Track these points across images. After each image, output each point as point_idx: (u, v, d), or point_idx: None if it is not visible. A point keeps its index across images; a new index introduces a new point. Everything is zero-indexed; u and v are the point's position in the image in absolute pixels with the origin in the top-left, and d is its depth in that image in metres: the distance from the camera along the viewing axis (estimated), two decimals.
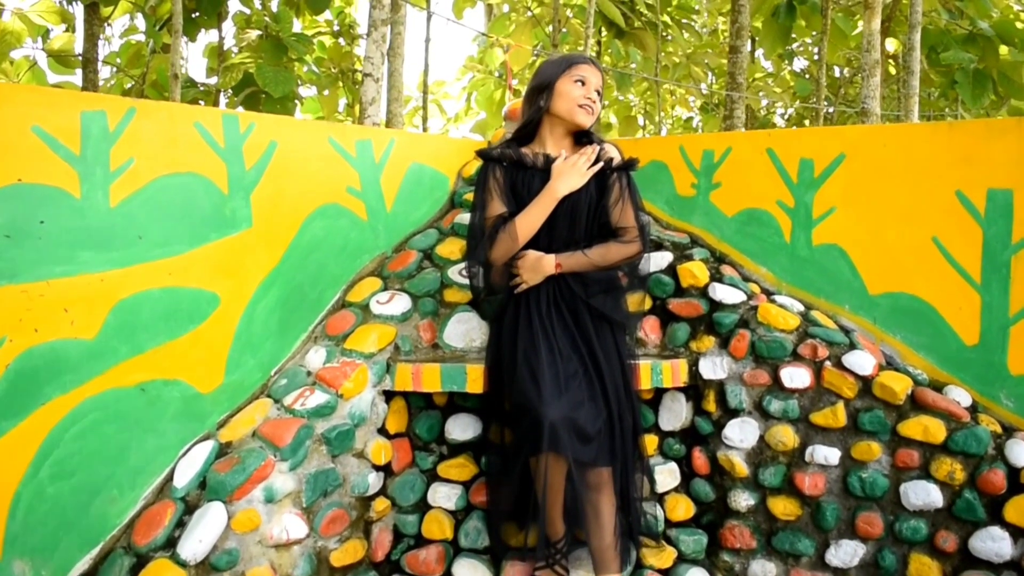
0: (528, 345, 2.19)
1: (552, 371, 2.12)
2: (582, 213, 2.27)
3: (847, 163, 2.60)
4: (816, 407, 2.40)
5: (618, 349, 2.27)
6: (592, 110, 2.26)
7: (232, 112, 2.35)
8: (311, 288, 2.61)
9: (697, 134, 8.41)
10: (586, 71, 2.26)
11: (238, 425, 2.30)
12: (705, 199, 2.87)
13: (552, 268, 2.24)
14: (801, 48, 13.01)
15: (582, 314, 2.25)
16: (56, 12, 7.03)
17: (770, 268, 2.74)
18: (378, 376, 2.46)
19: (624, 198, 2.31)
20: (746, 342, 2.51)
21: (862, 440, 2.34)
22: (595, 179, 2.29)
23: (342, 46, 13.86)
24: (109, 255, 2.06)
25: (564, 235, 2.28)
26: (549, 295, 2.27)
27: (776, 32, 8.49)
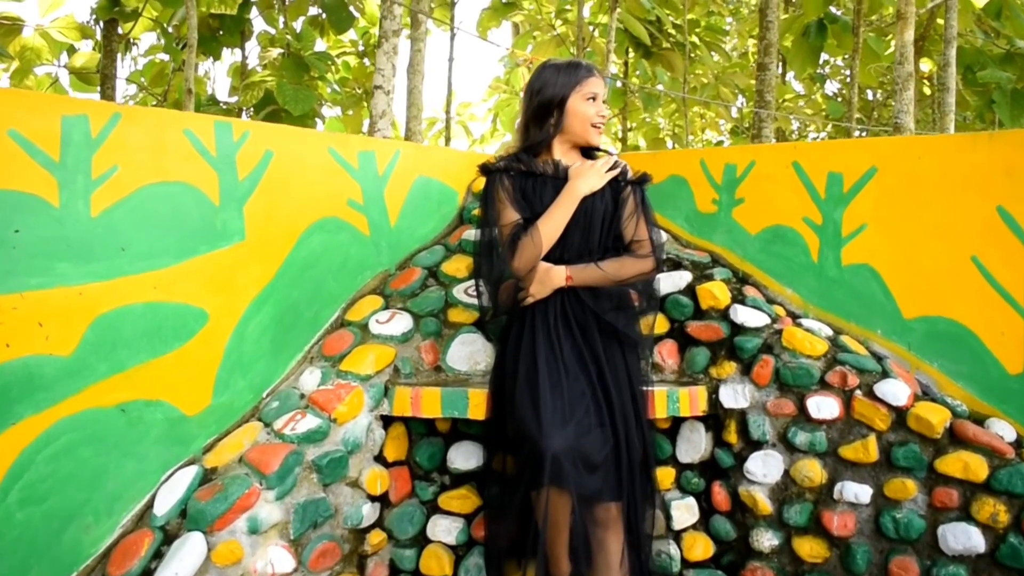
0: (530, 366, 2.07)
1: (556, 394, 2.00)
2: (597, 223, 2.18)
3: (879, 177, 2.46)
4: (846, 440, 2.25)
5: (629, 373, 2.14)
6: (600, 129, 2.23)
7: (225, 119, 2.28)
8: (307, 306, 2.51)
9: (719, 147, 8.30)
10: (596, 85, 2.18)
11: (225, 450, 2.20)
12: (727, 216, 2.74)
13: (562, 280, 2.13)
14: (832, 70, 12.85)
15: (592, 332, 2.13)
16: (76, 28, 7.10)
17: (796, 289, 2.60)
18: (375, 400, 2.35)
19: (639, 212, 2.22)
20: (770, 368, 2.37)
21: (896, 477, 2.18)
22: (610, 190, 2.19)
23: (367, 66, 13.98)
24: (89, 267, 1.97)
25: (577, 245, 2.17)
26: (557, 310, 2.15)
27: (806, 52, 8.35)
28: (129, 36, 7.25)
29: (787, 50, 9.10)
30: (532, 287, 2.13)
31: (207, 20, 9.33)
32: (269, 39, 10.41)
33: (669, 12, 9.79)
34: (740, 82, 10.67)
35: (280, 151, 2.40)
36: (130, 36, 7.33)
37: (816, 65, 8.95)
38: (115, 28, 6.64)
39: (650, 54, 9.62)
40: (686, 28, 9.30)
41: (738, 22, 13.59)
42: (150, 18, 7.54)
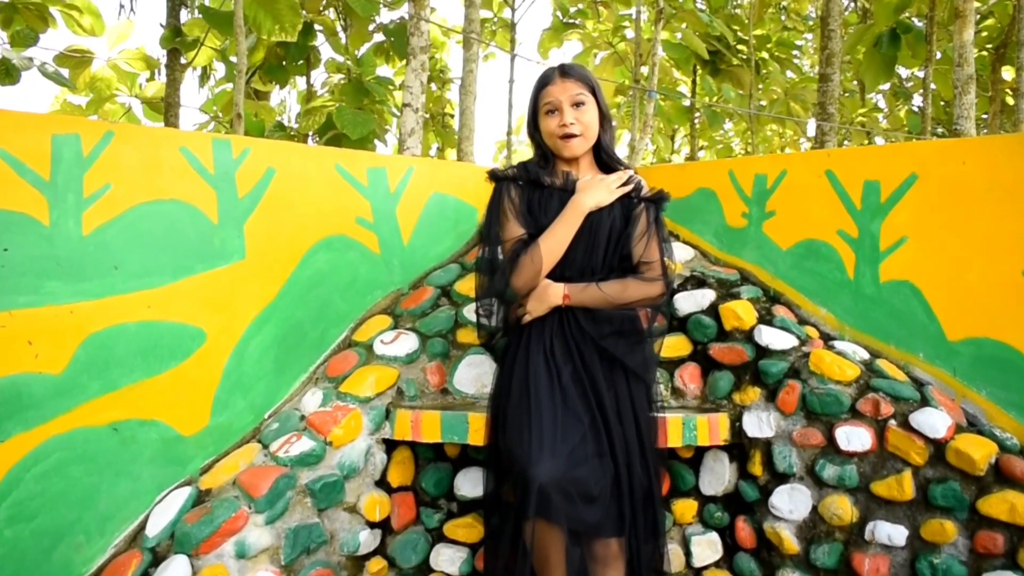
0: (523, 389, 2.00)
1: (548, 420, 1.92)
2: (602, 240, 2.09)
3: (919, 185, 2.32)
4: (878, 475, 2.10)
5: (633, 399, 2.04)
6: (572, 137, 2.07)
7: (224, 137, 2.32)
8: (313, 325, 2.52)
9: (748, 156, 7.94)
10: (552, 92, 2.08)
11: (221, 471, 2.22)
12: (757, 230, 2.63)
13: (560, 298, 2.05)
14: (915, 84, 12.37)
15: (592, 356, 2.05)
16: (141, 58, 7.45)
17: (831, 309, 2.47)
18: (375, 423, 2.33)
19: (651, 232, 2.12)
20: (796, 395, 2.25)
21: (934, 517, 2.02)
22: (621, 206, 2.12)
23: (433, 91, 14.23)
24: (80, 286, 2.03)
25: (580, 262, 2.09)
26: (554, 331, 2.08)
27: (879, 63, 8.05)
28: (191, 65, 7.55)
29: (859, 63, 8.81)
30: (529, 303, 2.07)
31: (274, 48, 9.69)
32: (337, 66, 10.73)
33: (737, 27, 9.64)
34: (813, 97, 10.38)
35: (283, 168, 2.43)
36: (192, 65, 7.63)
37: (890, 77, 8.63)
38: (178, 57, 6.94)
39: (718, 71, 9.46)
40: (751, 43, 9.10)
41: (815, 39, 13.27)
42: (213, 47, 7.84)
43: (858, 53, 8.63)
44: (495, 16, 13.05)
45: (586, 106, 2.08)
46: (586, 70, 2.16)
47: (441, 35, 14.38)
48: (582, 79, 2.09)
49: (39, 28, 7.13)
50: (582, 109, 2.07)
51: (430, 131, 14.21)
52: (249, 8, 7.49)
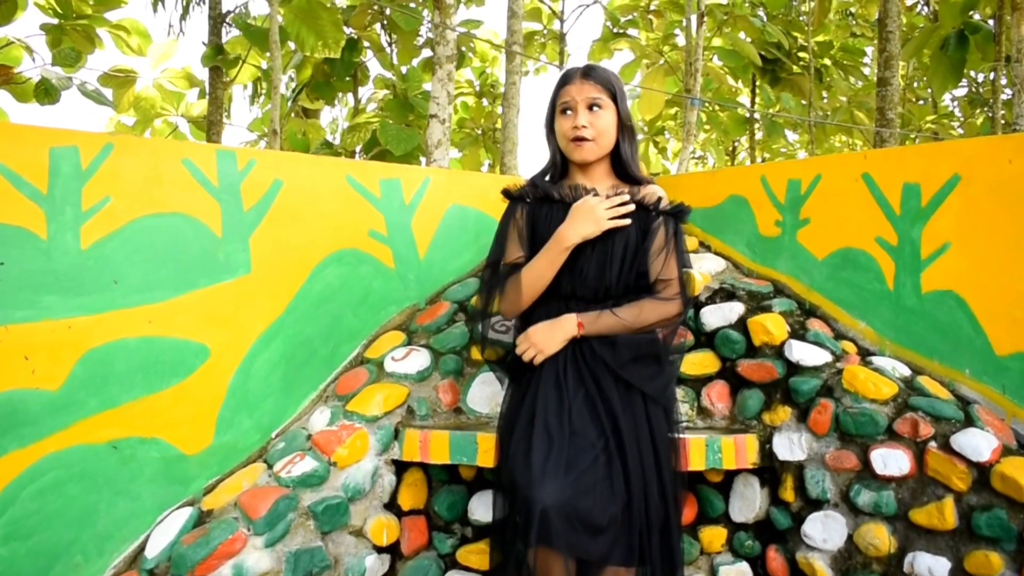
0: (531, 410, 1.94)
1: (555, 442, 1.86)
2: (617, 255, 2.00)
3: (963, 187, 2.20)
4: (918, 501, 1.98)
5: (650, 419, 1.96)
6: (583, 140, 2.00)
7: (229, 148, 2.33)
8: (323, 342, 2.51)
9: (782, 161, 7.65)
10: (569, 92, 2.02)
11: (224, 492, 2.20)
12: (791, 239, 2.54)
13: (574, 329, 1.98)
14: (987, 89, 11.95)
15: (606, 377, 1.97)
16: (185, 77, 7.65)
17: (870, 322, 2.36)
18: (383, 443, 2.29)
19: (669, 248, 2.02)
20: (828, 415, 2.14)
21: (978, 548, 1.89)
22: (637, 219, 2.02)
23: (484, 106, 14.32)
24: (78, 300, 2.04)
25: (592, 280, 2.02)
26: (568, 353, 2.01)
27: (947, 67, 7.77)
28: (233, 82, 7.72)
29: (926, 67, 8.54)
30: (538, 344, 1.99)
31: (320, 66, 9.86)
32: (384, 82, 10.88)
33: (797, 34, 9.46)
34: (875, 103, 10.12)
35: (290, 180, 2.43)
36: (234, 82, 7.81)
37: (958, 81, 8.32)
38: (220, 76, 7.10)
39: (777, 79, 9.29)
40: (811, 50, 8.91)
41: None
42: (255, 65, 8.01)
43: (925, 57, 8.37)
44: (544, 28, 13.09)
45: (603, 111, 2.01)
46: (612, 74, 2.09)
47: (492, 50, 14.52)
48: (603, 82, 2.02)
49: (87, 49, 7.38)
50: (597, 113, 2.01)
51: (480, 147, 14.30)
52: (291, 25, 7.64)
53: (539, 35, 12.90)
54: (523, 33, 7.63)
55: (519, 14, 6.80)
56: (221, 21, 7.11)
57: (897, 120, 6.13)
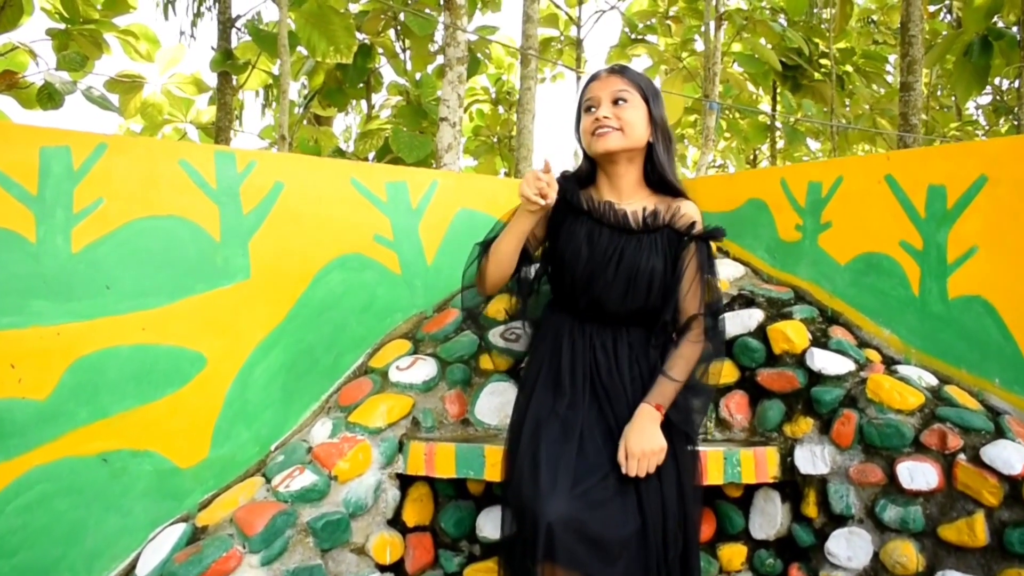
0: (540, 423, 1.87)
1: (566, 454, 1.79)
2: (642, 283, 1.89)
3: (990, 188, 2.12)
4: (947, 517, 1.90)
5: (669, 438, 1.88)
6: (606, 132, 1.87)
7: (228, 149, 2.29)
8: (325, 351, 2.45)
9: (801, 164, 7.52)
10: (593, 89, 1.92)
11: (219, 507, 2.15)
12: (812, 244, 2.47)
13: (658, 415, 1.82)
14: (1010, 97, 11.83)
15: (622, 398, 1.90)
16: (193, 83, 7.65)
17: (894, 329, 2.28)
18: (386, 456, 2.24)
19: (702, 277, 1.91)
20: (852, 426, 2.07)
21: (1012, 566, 1.81)
22: (666, 243, 1.91)
23: (500, 114, 14.30)
24: (68, 306, 2.00)
25: (612, 305, 1.91)
26: (586, 369, 1.93)
27: (971, 73, 7.66)
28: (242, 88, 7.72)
29: (949, 73, 8.43)
30: (645, 447, 1.78)
31: (333, 72, 9.87)
32: (397, 88, 10.87)
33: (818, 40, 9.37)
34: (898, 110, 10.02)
35: (292, 182, 2.38)
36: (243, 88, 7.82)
37: (982, 87, 8.21)
38: (229, 81, 7.10)
39: (798, 86, 9.20)
40: (833, 56, 8.82)
41: None
42: (265, 71, 8.02)
43: (948, 63, 8.26)
44: (561, 34, 13.07)
45: (629, 105, 1.88)
46: (645, 77, 1.98)
47: (508, 56, 14.51)
48: (631, 78, 1.92)
49: (93, 54, 7.41)
50: (623, 107, 1.88)
51: (496, 155, 14.28)
52: (303, 30, 7.64)
53: (555, 41, 12.88)
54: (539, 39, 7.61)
55: (534, 18, 6.77)
56: (231, 26, 7.12)
57: (921, 126, 6.04)
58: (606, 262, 1.89)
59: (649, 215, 1.91)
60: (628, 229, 1.91)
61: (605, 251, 1.90)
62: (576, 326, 1.97)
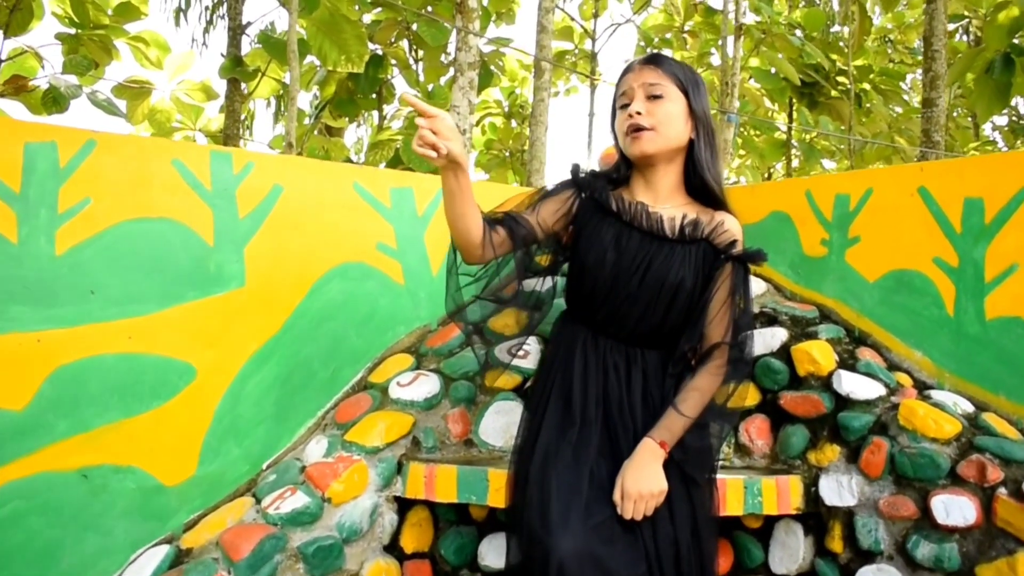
0: (550, 448, 1.75)
1: (578, 484, 1.68)
2: (665, 296, 1.76)
3: None
4: (985, 556, 1.77)
5: (683, 470, 1.76)
6: (640, 133, 1.73)
7: (224, 149, 2.19)
8: (323, 364, 2.35)
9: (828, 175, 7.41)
10: (627, 81, 1.78)
11: (206, 528, 2.04)
12: (839, 259, 2.35)
13: (661, 453, 1.69)
14: None
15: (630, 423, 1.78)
16: (201, 89, 7.60)
17: (927, 352, 2.16)
18: (384, 478, 2.12)
19: (734, 302, 1.77)
20: (883, 455, 1.94)
21: None
22: (703, 260, 1.77)
23: (513, 127, 14.26)
24: (50, 311, 1.90)
25: (633, 322, 1.79)
26: (597, 383, 1.81)
27: (991, 91, 7.54)
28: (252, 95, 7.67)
29: (969, 91, 8.30)
30: (643, 488, 1.65)
31: (345, 82, 9.83)
32: None
33: (835, 56, 9.26)
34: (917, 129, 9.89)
35: (292, 186, 2.28)
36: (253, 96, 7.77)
37: (1004, 106, 8.09)
38: (238, 88, 7.04)
39: (815, 103, 9.09)
40: (851, 73, 8.70)
41: None
42: (275, 78, 7.96)
43: (969, 81, 8.14)
44: (576, 47, 13.03)
45: (664, 100, 1.73)
46: (684, 65, 1.82)
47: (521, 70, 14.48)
48: (667, 70, 1.75)
49: (103, 60, 7.37)
50: (657, 102, 1.73)
51: (508, 168, 14.23)
52: (314, 38, 7.60)
53: (570, 54, 12.84)
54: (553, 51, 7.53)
55: (549, 29, 6.69)
56: (241, 32, 7.07)
57: (943, 143, 5.92)
58: (632, 270, 1.76)
59: (688, 224, 1.77)
60: (661, 236, 1.77)
61: (633, 258, 1.76)
62: (590, 340, 1.85)
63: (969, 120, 13.12)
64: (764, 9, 8.57)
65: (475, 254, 1.80)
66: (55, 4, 7.71)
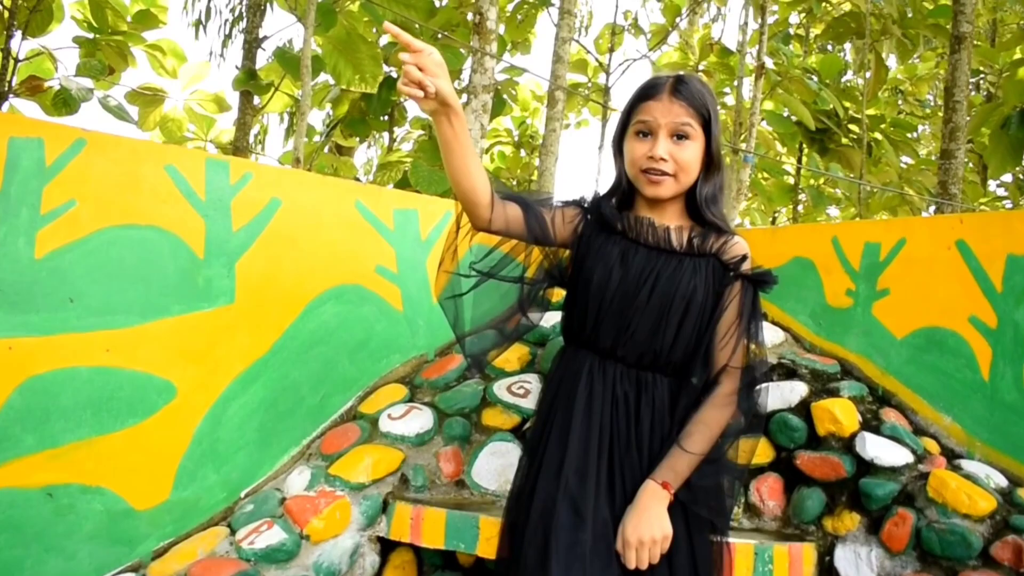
0: (545, 500, 1.60)
1: (579, 544, 1.52)
2: (676, 313, 1.60)
3: None
4: None
5: (687, 519, 1.60)
6: (660, 175, 1.59)
7: (221, 157, 2.06)
8: (312, 390, 2.20)
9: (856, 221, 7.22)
10: (651, 110, 1.60)
11: (175, 558, 1.90)
12: (865, 312, 2.21)
13: (665, 495, 1.54)
14: None
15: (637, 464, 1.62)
16: (214, 100, 7.51)
17: (957, 417, 2.01)
18: (367, 516, 1.97)
19: (743, 324, 1.61)
20: (908, 528, 1.78)
21: None
22: (713, 276, 1.63)
23: (522, 157, 14.19)
24: (24, 318, 1.77)
25: (640, 343, 1.62)
26: (603, 416, 1.66)
27: (1006, 147, 7.42)
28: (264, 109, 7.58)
29: (983, 146, 8.19)
30: (644, 533, 1.51)
31: (357, 102, 9.75)
32: (421, 123, 10.74)
33: (848, 104, 9.16)
34: (930, 182, 9.77)
35: (290, 200, 2.15)
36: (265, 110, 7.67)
37: (1018, 162, 7.98)
38: (251, 100, 6.95)
39: (826, 149, 8.99)
40: (864, 121, 8.60)
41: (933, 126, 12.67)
42: (288, 93, 7.87)
43: (982, 136, 8.04)
44: (589, 81, 12.97)
45: (690, 142, 1.60)
46: (707, 91, 1.65)
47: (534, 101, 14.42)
48: (697, 104, 1.60)
49: (119, 66, 7.28)
50: (684, 144, 1.60)
51: None
52: (329, 56, 7.51)
53: (583, 87, 12.77)
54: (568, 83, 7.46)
55: (564, 59, 6.60)
56: (257, 46, 6.98)
57: (960, 196, 5.79)
58: (640, 284, 1.60)
59: (696, 236, 1.63)
60: (669, 249, 1.63)
61: (641, 271, 1.61)
62: (597, 367, 1.67)
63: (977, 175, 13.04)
64: (782, 51, 8.49)
65: (483, 216, 1.64)
66: (75, 8, 7.64)
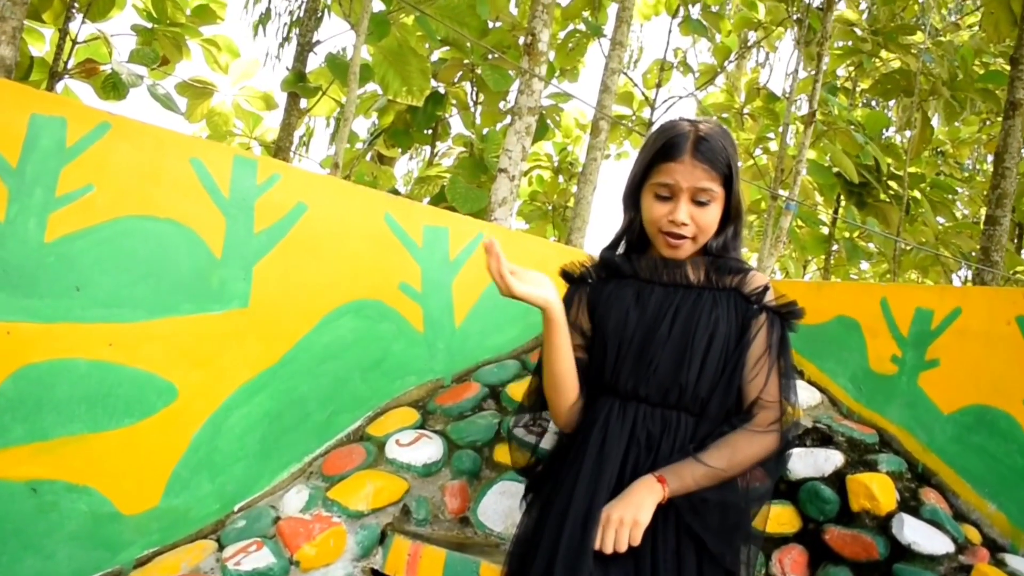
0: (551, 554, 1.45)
1: None
2: (697, 353, 1.49)
3: None
4: None
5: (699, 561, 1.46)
6: (680, 239, 1.51)
7: (250, 155, 1.95)
8: (319, 406, 2.08)
9: (911, 284, 6.99)
10: (672, 172, 1.50)
11: (158, 569, 1.80)
12: (911, 382, 2.04)
13: (658, 489, 1.43)
14: None
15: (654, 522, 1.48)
16: (261, 98, 7.48)
17: (1003, 506, 1.84)
18: (363, 547, 1.84)
19: (772, 357, 1.51)
20: None
21: None
22: (735, 309, 1.53)
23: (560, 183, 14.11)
24: (27, 302, 1.67)
25: (664, 379, 1.49)
26: (614, 464, 1.51)
27: None
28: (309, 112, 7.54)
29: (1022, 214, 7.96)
30: (625, 515, 1.41)
31: (403, 114, 9.73)
32: (463, 140, 10.69)
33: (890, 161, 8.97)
34: (966, 245, 9.52)
35: (317, 206, 2.04)
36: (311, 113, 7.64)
37: None
38: (297, 102, 6.90)
39: (863, 203, 8.79)
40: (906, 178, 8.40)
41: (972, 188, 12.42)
42: (335, 99, 7.84)
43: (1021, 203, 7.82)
44: (634, 114, 12.87)
45: (711, 206, 1.52)
46: (729, 144, 1.56)
47: (576, 129, 14.36)
48: (719, 164, 1.51)
49: (174, 57, 7.29)
50: (703, 209, 1.51)
51: (548, 222, 14.03)
52: (379, 66, 7.48)
53: (627, 119, 12.67)
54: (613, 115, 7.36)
55: (612, 90, 6.49)
56: (309, 49, 6.95)
57: (1003, 264, 5.58)
58: (659, 319, 1.51)
59: (713, 269, 1.54)
60: (686, 284, 1.54)
61: (659, 307, 1.53)
62: (617, 409, 1.54)
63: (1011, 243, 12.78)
64: (831, 101, 8.33)
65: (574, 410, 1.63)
66: None
